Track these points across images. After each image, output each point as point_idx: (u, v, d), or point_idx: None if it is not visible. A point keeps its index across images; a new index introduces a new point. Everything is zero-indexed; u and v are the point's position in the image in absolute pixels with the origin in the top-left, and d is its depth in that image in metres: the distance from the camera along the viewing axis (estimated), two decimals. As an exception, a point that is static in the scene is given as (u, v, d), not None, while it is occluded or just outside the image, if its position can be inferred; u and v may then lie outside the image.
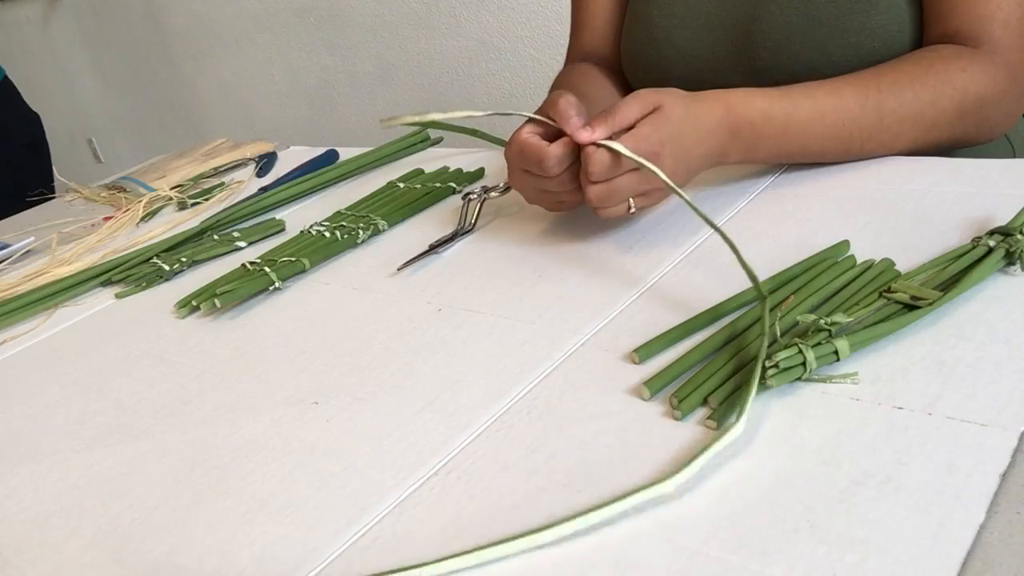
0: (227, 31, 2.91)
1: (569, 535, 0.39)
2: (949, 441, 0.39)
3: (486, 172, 0.90)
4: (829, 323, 0.45)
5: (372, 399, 0.54)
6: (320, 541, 0.43)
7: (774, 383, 0.44)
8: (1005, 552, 0.33)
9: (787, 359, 0.44)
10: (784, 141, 0.66)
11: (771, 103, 0.65)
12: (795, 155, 0.68)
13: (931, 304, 0.47)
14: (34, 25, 3.56)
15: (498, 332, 0.58)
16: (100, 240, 0.99)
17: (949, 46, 0.68)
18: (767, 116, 0.65)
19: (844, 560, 0.34)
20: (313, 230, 0.82)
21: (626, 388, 0.49)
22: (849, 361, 0.46)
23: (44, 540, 0.49)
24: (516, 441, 0.47)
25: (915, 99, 0.65)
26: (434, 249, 0.73)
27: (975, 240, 0.52)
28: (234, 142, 1.26)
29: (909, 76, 0.66)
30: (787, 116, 0.66)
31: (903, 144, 0.67)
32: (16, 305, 0.82)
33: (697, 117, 0.63)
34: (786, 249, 0.59)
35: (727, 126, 0.64)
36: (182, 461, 0.53)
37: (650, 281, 0.60)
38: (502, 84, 2.25)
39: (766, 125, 0.65)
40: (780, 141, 0.66)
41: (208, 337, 0.69)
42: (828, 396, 0.43)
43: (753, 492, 0.39)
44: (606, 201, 0.61)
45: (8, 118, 1.78)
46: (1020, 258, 0.50)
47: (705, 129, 0.63)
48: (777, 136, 0.66)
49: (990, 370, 0.43)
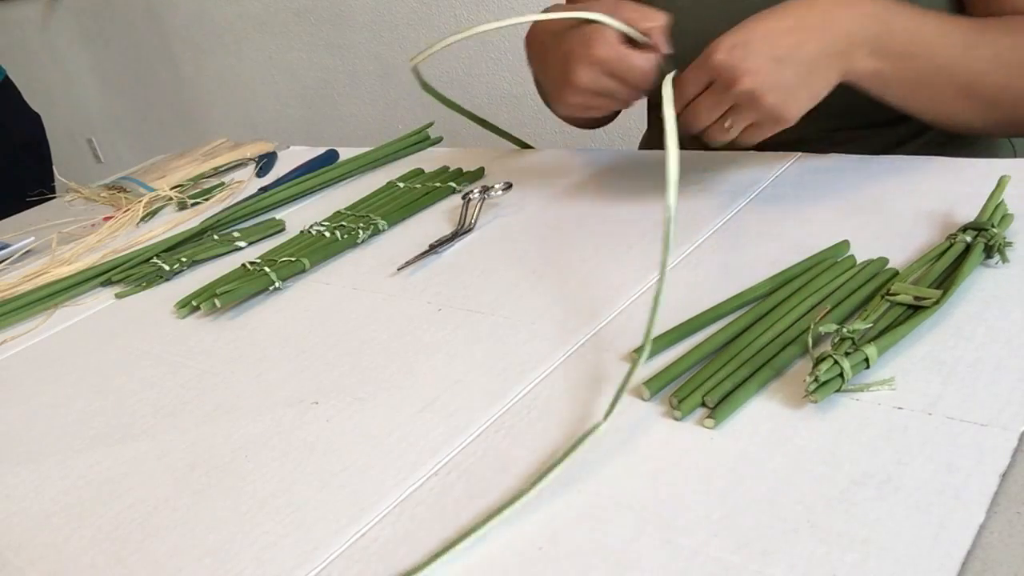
0: (227, 31, 2.91)
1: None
2: (949, 441, 0.39)
3: (486, 172, 0.90)
4: (851, 331, 0.45)
5: (372, 399, 0.54)
6: (320, 541, 0.43)
7: (816, 398, 0.43)
8: (1005, 552, 0.33)
9: (826, 372, 0.43)
10: (911, 53, 0.60)
11: (898, 3, 0.60)
12: (917, 82, 0.62)
13: (936, 303, 0.47)
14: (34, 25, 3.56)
15: (498, 332, 0.58)
16: (100, 240, 0.99)
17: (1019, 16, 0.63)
18: (894, 11, 0.60)
19: (844, 560, 0.34)
20: (313, 230, 0.82)
21: (626, 388, 0.49)
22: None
23: (44, 540, 0.49)
24: (516, 441, 0.47)
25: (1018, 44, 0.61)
26: (434, 249, 0.73)
27: (951, 237, 0.53)
28: (234, 142, 1.26)
29: (1010, 25, 0.62)
30: (918, 23, 0.60)
31: (1014, 91, 0.62)
32: (16, 305, 0.82)
33: (799, 7, 0.58)
34: (786, 249, 0.59)
35: (847, 14, 0.58)
36: (182, 461, 0.53)
37: (650, 281, 0.60)
38: (502, 84, 2.24)
39: (895, 20, 0.59)
40: (908, 51, 0.60)
41: (208, 337, 0.69)
42: (828, 396, 0.43)
43: (753, 492, 0.39)
44: (693, 121, 0.60)
45: (8, 118, 1.78)
46: (1000, 251, 0.51)
47: (816, 18, 0.57)
48: (906, 42, 0.60)
49: (990, 370, 0.43)
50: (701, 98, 0.59)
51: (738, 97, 0.57)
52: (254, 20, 2.81)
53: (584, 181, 0.80)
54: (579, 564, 0.38)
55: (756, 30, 0.57)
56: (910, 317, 0.47)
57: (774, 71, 0.56)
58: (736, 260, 0.59)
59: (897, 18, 0.60)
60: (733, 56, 0.56)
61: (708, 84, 0.59)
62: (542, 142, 2.18)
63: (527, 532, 0.40)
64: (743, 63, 0.56)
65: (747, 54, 0.56)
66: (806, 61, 0.57)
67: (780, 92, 0.57)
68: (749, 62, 0.56)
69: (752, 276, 0.56)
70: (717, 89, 0.58)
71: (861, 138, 0.76)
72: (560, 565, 0.38)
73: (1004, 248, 0.51)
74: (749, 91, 0.57)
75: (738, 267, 0.58)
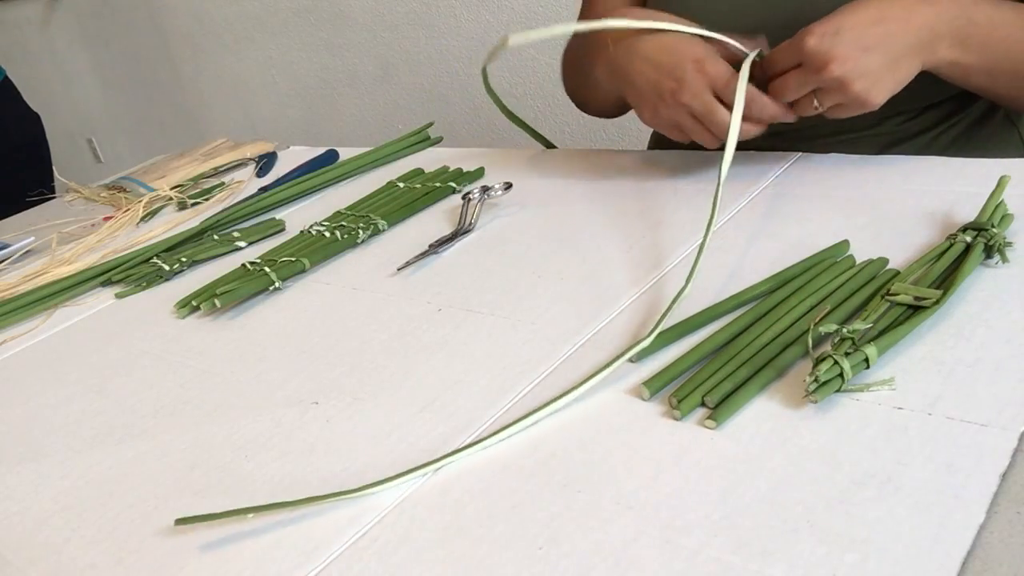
0: (227, 31, 2.91)
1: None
2: (949, 441, 0.39)
3: (486, 172, 0.90)
4: (852, 331, 0.45)
5: (372, 399, 0.54)
6: (321, 541, 0.43)
7: (816, 398, 0.43)
8: (1005, 552, 0.33)
9: (826, 372, 0.43)
10: (995, 39, 0.63)
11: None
12: (1000, 65, 0.64)
13: (936, 303, 0.47)
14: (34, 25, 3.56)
15: (498, 332, 0.58)
16: (100, 240, 0.99)
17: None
18: (975, 1, 0.62)
19: (844, 560, 0.34)
20: (313, 230, 0.82)
21: (626, 388, 0.49)
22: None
23: (44, 540, 0.49)
24: (516, 441, 0.47)
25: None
26: (434, 249, 0.73)
27: (951, 237, 0.53)
28: (234, 142, 1.26)
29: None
30: (996, 10, 0.62)
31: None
32: (16, 305, 0.82)
33: (882, 1, 0.61)
34: (786, 249, 0.59)
35: (930, 7, 0.61)
36: (182, 461, 0.53)
37: (650, 281, 0.60)
38: (502, 84, 2.24)
39: (977, 11, 0.62)
40: (991, 38, 0.63)
41: (208, 337, 0.69)
42: (828, 397, 0.43)
43: (753, 492, 0.39)
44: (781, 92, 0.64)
45: (8, 118, 1.78)
46: (1000, 251, 0.51)
47: (899, 10, 0.61)
48: (988, 30, 0.62)
49: (990, 370, 0.43)
50: (791, 75, 0.63)
51: (827, 82, 0.61)
52: (254, 20, 2.81)
53: (584, 181, 0.80)
54: (579, 564, 0.38)
55: (846, 21, 0.60)
56: (910, 317, 0.47)
57: (862, 60, 0.60)
58: (736, 260, 0.60)
59: (978, 9, 0.62)
60: (824, 43, 0.60)
61: (797, 65, 0.62)
62: (542, 142, 2.18)
63: (527, 532, 0.40)
64: (834, 50, 0.60)
65: (837, 42, 0.60)
66: (892, 51, 0.61)
67: (867, 80, 0.61)
68: (839, 49, 0.60)
69: (752, 276, 0.56)
70: (807, 71, 0.62)
71: (861, 138, 0.76)
72: (560, 565, 0.38)
73: (1004, 248, 0.51)
74: (839, 77, 0.60)
75: (738, 267, 0.58)
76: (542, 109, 2.17)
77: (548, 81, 2.13)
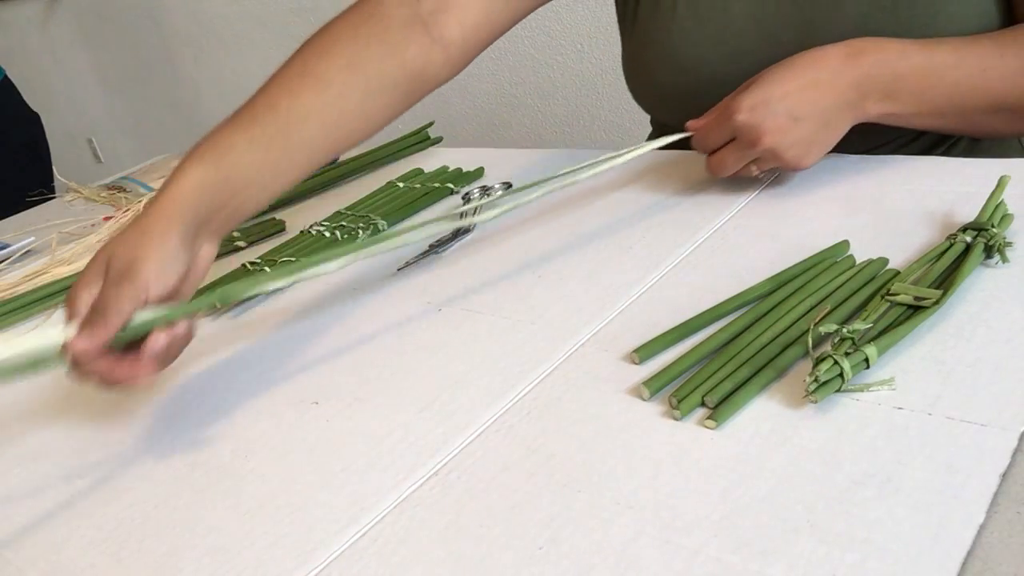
0: (227, 31, 2.91)
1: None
2: (949, 441, 0.39)
3: (486, 172, 0.90)
4: (851, 331, 0.45)
5: (372, 399, 0.54)
6: (320, 541, 0.43)
7: (816, 397, 0.43)
8: (1005, 552, 0.33)
9: (826, 372, 0.43)
10: (926, 87, 0.62)
11: (905, 44, 0.62)
12: (939, 110, 0.64)
13: (936, 303, 0.47)
14: (34, 25, 3.56)
15: (498, 332, 0.58)
16: (100, 240, 0.99)
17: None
18: (903, 54, 0.62)
19: (844, 560, 0.34)
20: (313, 230, 0.82)
21: (626, 388, 0.49)
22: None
23: (44, 540, 0.49)
24: (516, 441, 0.47)
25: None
26: (434, 249, 0.73)
27: (951, 237, 0.53)
28: (234, 142, 1.25)
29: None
30: (927, 57, 0.62)
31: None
32: (16, 305, 0.82)
33: (808, 66, 0.62)
34: (786, 249, 0.59)
35: (855, 67, 0.62)
36: (182, 461, 0.53)
37: (650, 281, 0.60)
38: (502, 84, 2.24)
39: (903, 64, 0.62)
40: (921, 87, 0.62)
41: (208, 337, 0.69)
42: (828, 397, 0.43)
43: (753, 492, 0.39)
44: (720, 170, 0.66)
45: (8, 118, 1.78)
46: (1000, 251, 0.51)
47: (826, 75, 0.61)
48: (918, 80, 0.62)
49: (990, 370, 0.43)
50: (727, 151, 0.65)
51: (762, 153, 0.63)
52: (253, 20, 2.81)
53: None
54: (579, 564, 0.38)
55: (774, 90, 0.62)
56: (910, 317, 0.47)
57: (793, 129, 0.62)
58: (736, 260, 0.60)
59: (905, 60, 0.62)
60: (755, 116, 0.62)
61: (731, 139, 0.64)
62: (542, 142, 2.18)
63: (527, 532, 0.40)
64: (765, 123, 0.61)
65: (768, 114, 0.61)
66: (822, 117, 0.62)
67: (798, 147, 0.63)
68: (770, 122, 0.61)
69: (752, 276, 0.56)
70: (741, 145, 0.64)
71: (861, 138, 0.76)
72: (560, 565, 0.38)
73: (1004, 248, 0.51)
74: (771, 148, 0.62)
75: (738, 267, 0.58)
76: (542, 109, 2.17)
77: (548, 81, 2.13)
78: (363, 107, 0.66)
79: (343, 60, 0.65)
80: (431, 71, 0.71)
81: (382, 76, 0.67)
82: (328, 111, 0.64)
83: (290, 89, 0.63)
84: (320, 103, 0.63)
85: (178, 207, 0.55)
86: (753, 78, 0.64)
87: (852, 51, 0.62)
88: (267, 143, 0.60)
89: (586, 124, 2.11)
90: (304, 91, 0.63)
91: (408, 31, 0.69)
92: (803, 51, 0.63)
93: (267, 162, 0.60)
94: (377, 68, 0.66)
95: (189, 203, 0.56)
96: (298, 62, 0.65)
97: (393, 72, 0.67)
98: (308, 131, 0.62)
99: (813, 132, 0.62)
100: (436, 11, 0.70)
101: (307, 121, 0.62)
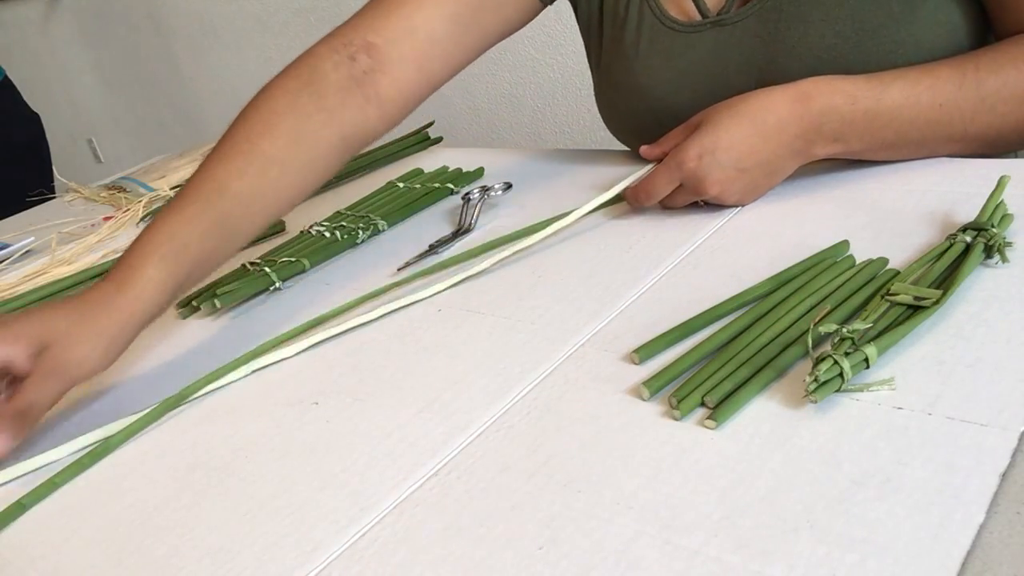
0: (227, 31, 2.91)
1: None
2: (949, 441, 0.39)
3: (486, 172, 0.90)
4: (851, 331, 0.45)
5: (372, 399, 0.54)
6: (320, 541, 0.43)
7: (816, 397, 0.43)
8: (1005, 552, 0.33)
9: (826, 371, 0.43)
10: (877, 127, 0.62)
11: (856, 86, 0.62)
12: (893, 144, 0.64)
13: (936, 303, 0.47)
14: (34, 25, 3.56)
15: (498, 332, 0.58)
16: (100, 240, 0.99)
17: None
18: (852, 98, 0.61)
19: (844, 560, 0.34)
20: (313, 230, 0.82)
21: (626, 388, 0.49)
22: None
23: (44, 540, 0.49)
24: (516, 441, 0.47)
25: (1019, 78, 0.61)
26: (434, 249, 0.73)
27: (951, 237, 0.53)
28: (234, 142, 1.25)
29: (1009, 55, 0.61)
30: (877, 99, 0.61)
31: (1011, 125, 0.62)
32: (16, 305, 0.82)
33: (756, 113, 0.62)
34: (786, 249, 0.59)
35: (802, 114, 0.62)
36: (182, 461, 0.53)
37: (650, 281, 0.60)
38: (502, 84, 2.24)
39: (852, 109, 0.61)
40: (872, 127, 0.62)
41: (208, 337, 0.69)
42: (828, 397, 0.43)
43: (753, 492, 0.39)
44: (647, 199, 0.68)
45: (8, 118, 1.78)
46: (1000, 251, 0.51)
47: (773, 123, 0.62)
48: (868, 122, 0.62)
49: (990, 370, 0.43)
50: (676, 196, 0.67)
51: (707, 197, 0.66)
52: (253, 20, 2.81)
53: (584, 182, 0.80)
54: (579, 564, 0.38)
55: (721, 140, 0.63)
56: (910, 317, 0.47)
57: (737, 179, 0.64)
58: (736, 260, 0.60)
59: (854, 105, 0.62)
60: (701, 167, 0.63)
61: (678, 184, 0.66)
62: (542, 142, 2.18)
63: (527, 532, 0.40)
64: (710, 174, 0.64)
65: (714, 165, 0.63)
66: (766, 166, 0.64)
67: (741, 194, 0.66)
68: (716, 173, 0.63)
69: (752, 276, 0.56)
70: (688, 191, 0.66)
71: None
72: (560, 565, 0.38)
73: (1004, 248, 0.51)
74: (717, 196, 0.65)
75: (738, 267, 0.58)
76: (542, 109, 2.17)
77: (548, 81, 2.13)
78: (304, 178, 0.69)
79: (286, 137, 0.68)
80: (368, 127, 0.73)
81: (320, 144, 0.69)
82: (272, 188, 0.67)
83: (238, 170, 0.66)
84: (266, 183, 0.66)
85: (138, 317, 0.60)
86: (701, 115, 0.66)
87: (800, 95, 0.62)
88: (219, 232, 0.64)
89: (586, 124, 2.11)
90: (249, 172, 0.66)
91: (344, 95, 0.71)
92: (752, 91, 0.64)
93: (218, 249, 0.65)
94: (316, 138, 0.69)
95: (149, 308, 0.60)
96: (242, 138, 0.68)
97: (331, 138, 0.70)
98: (255, 212, 0.66)
99: (758, 179, 0.65)
100: (370, 71, 0.72)
101: (253, 203, 0.66)
